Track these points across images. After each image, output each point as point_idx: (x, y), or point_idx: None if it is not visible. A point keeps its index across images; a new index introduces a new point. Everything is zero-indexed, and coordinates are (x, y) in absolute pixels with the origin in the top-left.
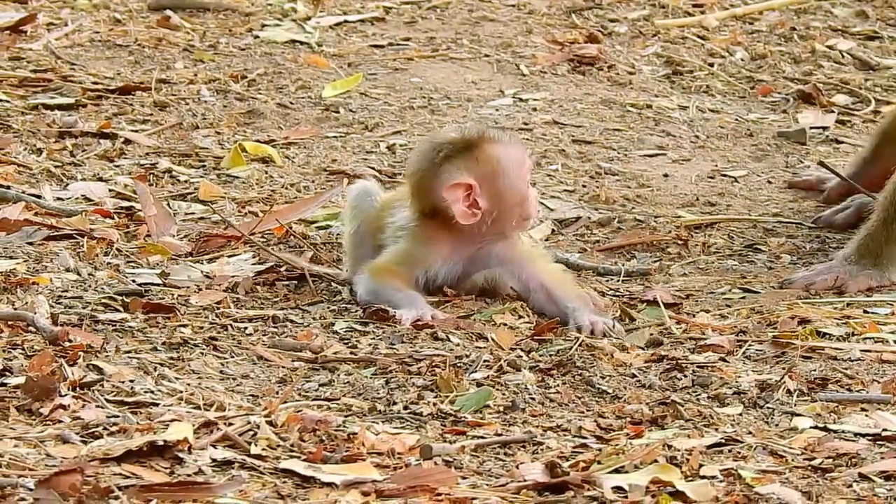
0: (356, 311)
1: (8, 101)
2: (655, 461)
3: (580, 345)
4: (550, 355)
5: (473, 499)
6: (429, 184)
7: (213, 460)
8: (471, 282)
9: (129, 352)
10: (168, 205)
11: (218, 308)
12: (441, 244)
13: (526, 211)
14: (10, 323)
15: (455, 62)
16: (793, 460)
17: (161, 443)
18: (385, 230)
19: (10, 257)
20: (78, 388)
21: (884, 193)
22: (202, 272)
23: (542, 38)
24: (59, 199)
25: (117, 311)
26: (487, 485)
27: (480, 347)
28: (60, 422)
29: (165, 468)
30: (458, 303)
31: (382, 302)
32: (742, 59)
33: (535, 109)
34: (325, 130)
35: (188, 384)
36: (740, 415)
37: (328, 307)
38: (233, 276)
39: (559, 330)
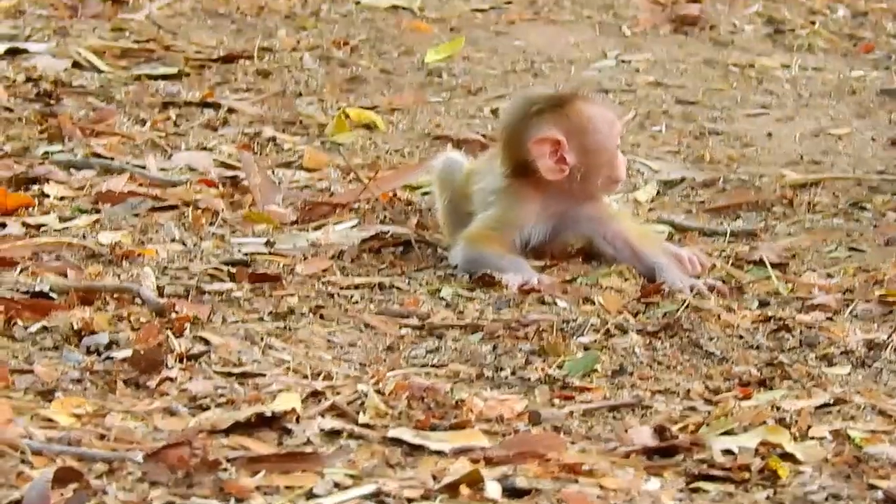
0: (462, 277)
1: (111, 73)
2: (764, 423)
3: (687, 307)
4: (657, 318)
5: (582, 464)
6: (518, 139)
7: (321, 430)
8: (560, 242)
9: (235, 322)
10: (272, 173)
11: (324, 276)
12: (531, 203)
13: (615, 172)
14: (116, 295)
15: (557, 24)
16: None
17: (269, 414)
18: (472, 199)
19: (116, 229)
20: (185, 360)
21: None
22: (308, 240)
23: None
24: (163, 169)
25: (223, 281)
26: (596, 449)
27: (587, 311)
28: (168, 394)
29: (274, 439)
30: (564, 266)
31: (484, 269)
32: (843, 17)
33: (637, 70)
34: (429, 95)
35: (295, 354)
36: (848, 375)
37: (434, 273)
38: (338, 244)
39: (666, 292)
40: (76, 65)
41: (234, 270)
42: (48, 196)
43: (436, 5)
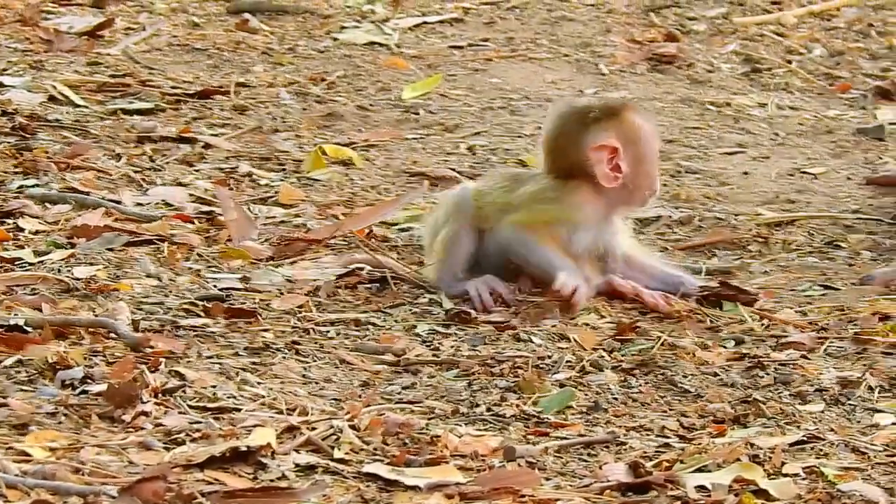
0: (438, 312)
1: (87, 107)
2: (738, 460)
3: (662, 344)
4: (633, 355)
5: (557, 500)
6: (575, 143)
7: (297, 465)
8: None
9: (210, 357)
10: (248, 209)
11: (299, 312)
12: (587, 206)
13: (654, 184)
14: (91, 330)
15: (534, 62)
16: (875, 457)
17: (244, 448)
18: (490, 216)
19: (91, 264)
20: (160, 395)
21: None
22: (283, 276)
23: (621, 38)
24: (138, 204)
25: (199, 316)
26: (571, 486)
27: (563, 348)
28: (143, 428)
29: (248, 474)
30: (544, 304)
31: (535, 259)
32: (820, 56)
33: None
34: (405, 132)
35: (270, 389)
36: (822, 412)
37: (410, 309)
38: (314, 280)
39: (641, 329)
40: (52, 99)
41: (209, 306)
42: (23, 230)
43: (413, 42)
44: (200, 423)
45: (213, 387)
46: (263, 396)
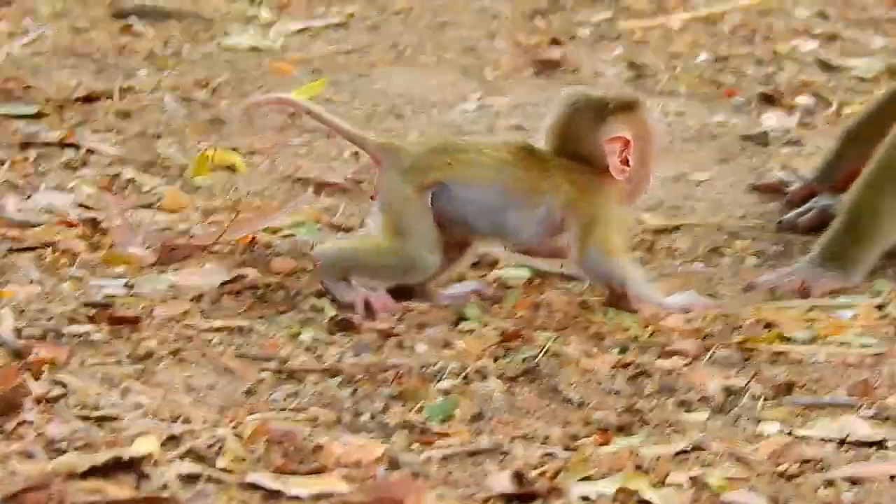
0: (322, 320)
1: None
2: (622, 469)
3: (546, 352)
4: (517, 363)
5: None
6: (589, 132)
7: (179, 474)
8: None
9: (94, 365)
10: (132, 214)
11: (183, 319)
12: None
13: (647, 184)
14: None
15: (419, 67)
16: (759, 466)
17: (126, 458)
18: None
19: None
20: (43, 403)
21: (848, 195)
22: (167, 283)
23: (506, 43)
24: (21, 210)
25: (82, 323)
26: (455, 495)
27: (447, 356)
28: (25, 437)
29: (131, 483)
30: (429, 311)
31: (650, 289)
32: (705, 62)
33: (498, 114)
34: (290, 138)
35: (154, 397)
36: (706, 420)
37: (294, 317)
38: (198, 287)
39: (526, 337)
40: None
41: (93, 313)
42: None
43: (297, 47)
44: (83, 431)
45: (97, 395)
46: (146, 404)
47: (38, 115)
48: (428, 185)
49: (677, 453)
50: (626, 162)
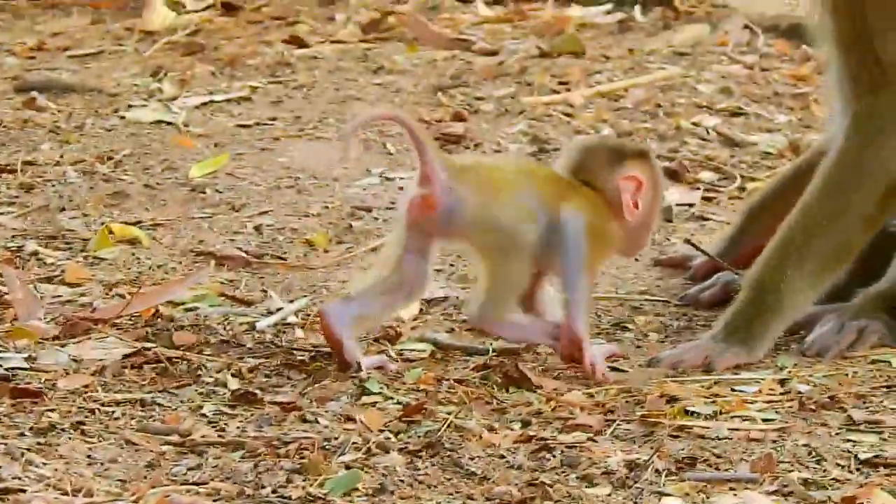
0: (224, 393)
1: None
2: None
3: (448, 425)
4: (419, 436)
5: None
6: (605, 172)
7: None
8: None
9: None
10: (35, 288)
11: (85, 392)
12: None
13: (646, 239)
14: None
15: (321, 141)
16: None
17: None
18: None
19: None
20: None
21: (751, 271)
22: (69, 356)
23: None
24: None
25: None
26: None
27: (349, 429)
28: None
29: None
30: (331, 384)
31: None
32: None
33: (401, 188)
34: (192, 211)
35: (56, 469)
36: (609, 495)
37: (196, 390)
38: (100, 360)
39: (427, 411)
40: None
41: None
42: None
43: (200, 121)
44: None
45: None
46: (49, 477)
47: None
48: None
49: None
50: (636, 205)
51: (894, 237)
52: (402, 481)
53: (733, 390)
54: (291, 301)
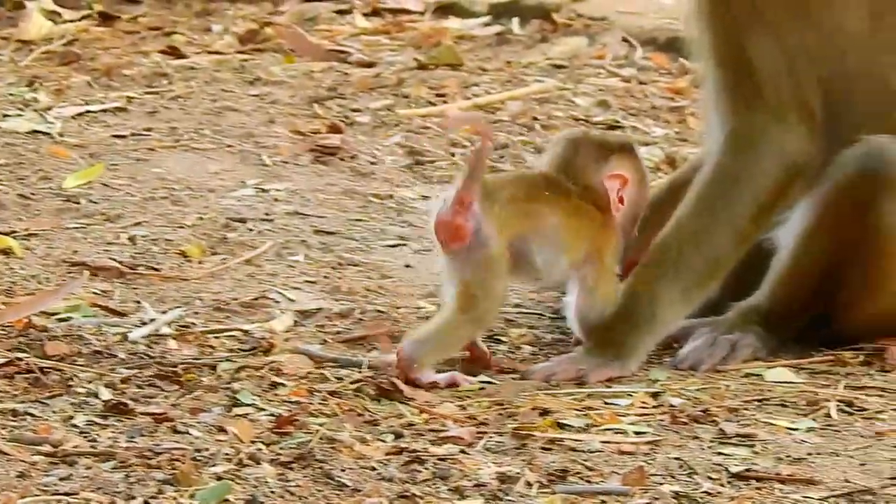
0: (95, 403)
1: None
2: None
3: (320, 437)
4: (291, 448)
5: None
6: (590, 169)
7: None
8: None
9: None
10: None
11: None
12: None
13: (634, 229)
14: None
15: (197, 152)
16: None
17: None
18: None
19: None
20: None
21: (625, 284)
22: None
23: (285, 129)
24: None
25: None
26: None
27: (220, 440)
28: None
29: None
30: (203, 395)
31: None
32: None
33: (276, 200)
34: (67, 221)
35: None
36: None
37: (68, 400)
38: None
39: (299, 422)
40: None
41: None
42: None
43: (76, 131)
44: None
45: None
46: None
47: None
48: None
49: None
50: (621, 200)
51: (767, 252)
52: (272, 493)
53: (606, 403)
54: (165, 312)
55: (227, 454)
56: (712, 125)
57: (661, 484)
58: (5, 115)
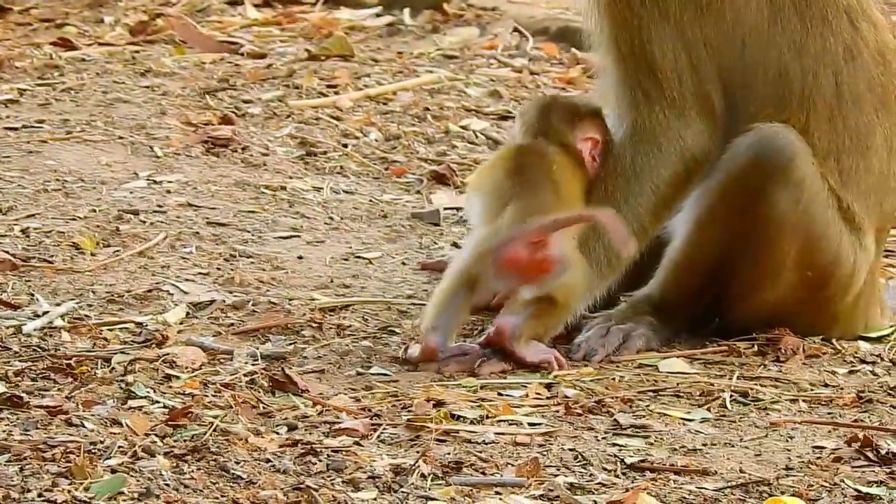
0: None
1: None
2: None
3: (214, 429)
4: (185, 441)
5: None
6: (565, 130)
7: None
8: None
9: None
10: None
11: None
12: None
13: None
14: None
15: (89, 144)
16: None
17: None
18: None
19: None
20: None
21: None
22: None
23: (177, 120)
24: None
25: None
26: None
27: (115, 433)
28: None
29: None
30: (98, 388)
31: None
32: (376, 140)
33: (169, 192)
34: None
35: None
36: (375, 499)
37: None
38: None
39: (193, 415)
40: None
41: None
42: None
43: None
44: None
45: None
46: None
47: None
48: None
49: None
50: (594, 159)
51: (660, 243)
52: (167, 485)
53: (500, 395)
54: (58, 304)
55: (121, 447)
56: (613, 117)
57: (555, 475)
58: None
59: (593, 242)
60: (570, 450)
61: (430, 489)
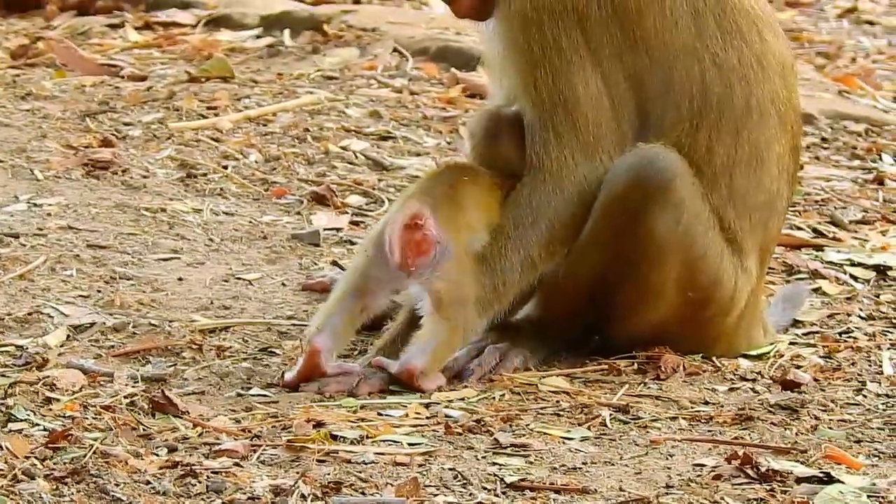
0: None
1: None
2: None
3: (94, 452)
4: (65, 463)
5: None
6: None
7: None
8: None
9: None
10: None
11: None
12: None
13: None
14: None
15: None
16: None
17: None
18: None
19: None
20: None
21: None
22: None
23: (57, 143)
24: None
25: None
26: None
27: None
28: None
29: None
30: None
31: None
32: (256, 161)
33: (49, 214)
34: None
35: None
36: None
37: None
38: None
39: (73, 437)
40: None
41: None
42: None
43: None
44: None
45: None
46: None
47: None
48: None
49: None
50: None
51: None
52: None
53: (380, 415)
54: None
55: (1, 470)
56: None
57: (435, 495)
58: None
59: (485, 266)
60: (450, 469)
61: None
